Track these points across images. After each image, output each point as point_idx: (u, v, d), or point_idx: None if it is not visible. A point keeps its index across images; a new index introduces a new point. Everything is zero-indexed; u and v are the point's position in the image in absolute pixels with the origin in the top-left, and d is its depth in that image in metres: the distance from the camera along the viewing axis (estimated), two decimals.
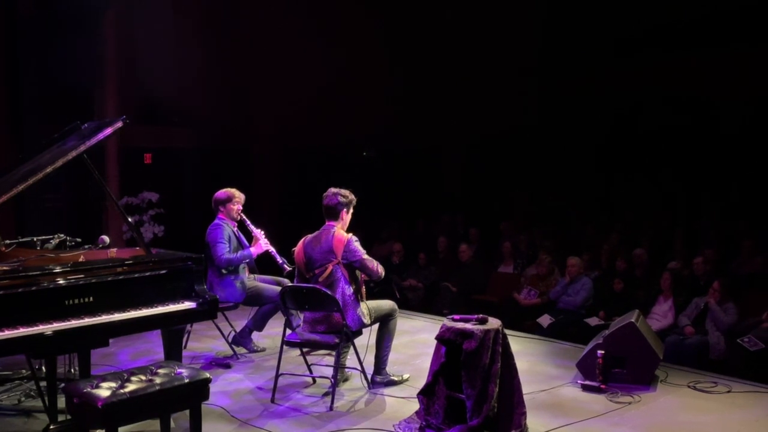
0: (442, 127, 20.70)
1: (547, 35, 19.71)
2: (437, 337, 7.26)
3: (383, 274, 8.42)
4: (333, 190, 8.48)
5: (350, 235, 8.29)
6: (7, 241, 8.26)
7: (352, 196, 8.55)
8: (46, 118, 14.00)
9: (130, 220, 7.78)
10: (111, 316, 6.62)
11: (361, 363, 8.57)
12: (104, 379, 5.86)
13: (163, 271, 7.19)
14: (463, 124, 20.43)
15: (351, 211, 8.56)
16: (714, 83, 18.08)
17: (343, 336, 8.05)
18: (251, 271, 9.93)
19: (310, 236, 8.41)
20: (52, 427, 6.60)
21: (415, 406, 7.59)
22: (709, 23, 17.82)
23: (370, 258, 8.31)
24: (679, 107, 18.73)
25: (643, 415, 7.89)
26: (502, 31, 19.03)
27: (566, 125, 20.09)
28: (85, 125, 7.75)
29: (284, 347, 8.41)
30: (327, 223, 8.42)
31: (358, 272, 8.33)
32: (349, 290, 8.18)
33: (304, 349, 9.11)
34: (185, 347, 9.44)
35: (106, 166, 15.42)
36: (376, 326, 8.63)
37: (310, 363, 9.12)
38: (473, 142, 21.40)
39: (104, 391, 5.62)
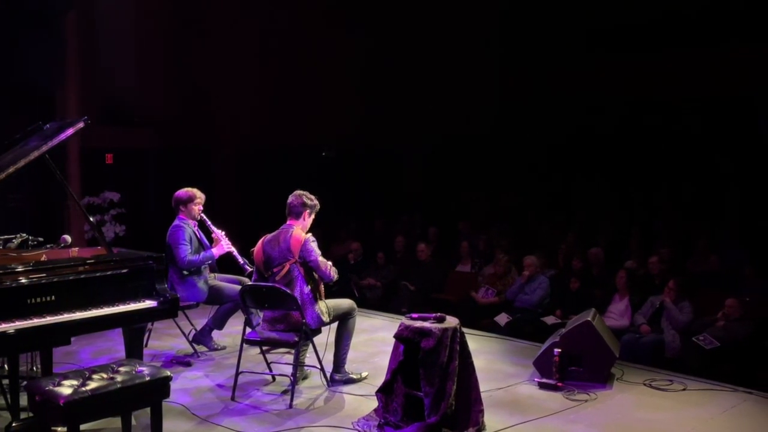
0: (401, 128, 20.66)
1: (504, 38, 19.81)
2: (396, 336, 7.33)
3: (336, 278, 8.51)
4: (299, 191, 8.57)
5: (308, 235, 8.37)
6: None
7: (316, 202, 8.63)
8: (7, 118, 13.96)
9: (91, 219, 7.81)
10: (73, 314, 6.63)
11: (320, 361, 8.63)
12: (66, 377, 5.90)
13: (125, 271, 7.21)
14: (422, 124, 20.42)
15: (313, 215, 8.64)
16: (670, 85, 18.22)
17: (303, 334, 8.10)
18: (211, 270, 9.98)
19: (269, 235, 8.47)
20: (14, 424, 6.63)
21: (374, 403, 7.67)
22: (663, 25, 17.96)
23: (325, 260, 8.39)
24: (636, 108, 18.86)
25: (599, 412, 7.99)
26: (461, 33, 19.11)
27: (523, 126, 20.15)
28: (47, 126, 7.77)
29: (244, 345, 8.46)
30: (287, 222, 8.49)
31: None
32: (307, 289, 8.24)
33: (264, 348, 9.13)
34: (146, 345, 9.43)
35: (67, 166, 15.39)
36: (335, 325, 8.69)
37: (269, 361, 9.14)
38: (431, 142, 21.41)
39: (66, 389, 5.67)
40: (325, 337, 8.76)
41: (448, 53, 19.43)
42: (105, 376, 5.96)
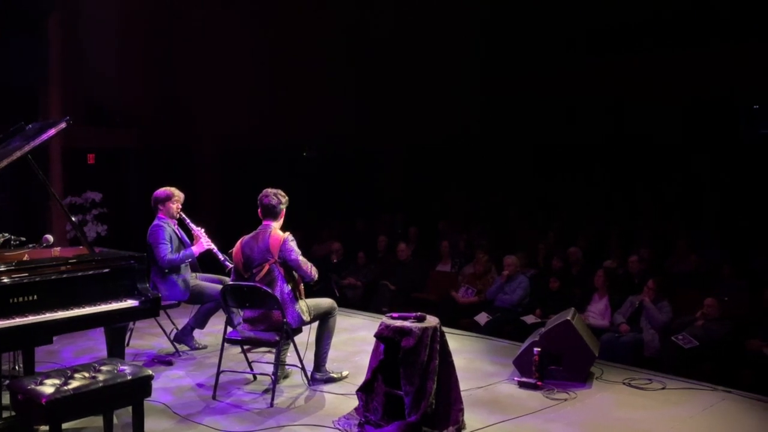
0: (382, 128, 20.70)
1: (488, 40, 19.85)
2: (376, 335, 7.34)
3: (316, 277, 8.50)
4: (271, 190, 8.52)
5: (287, 234, 8.35)
6: None
7: (286, 196, 8.66)
8: None
9: (73, 219, 7.83)
10: (55, 314, 6.64)
11: (301, 360, 8.64)
12: (48, 376, 5.92)
13: (106, 270, 7.23)
14: (403, 124, 20.45)
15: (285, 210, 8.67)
16: (650, 86, 18.30)
17: (284, 333, 8.11)
18: (193, 270, 9.99)
19: (247, 236, 8.45)
20: None
21: (354, 402, 7.69)
22: (644, 28, 18.09)
23: (305, 260, 8.38)
24: (617, 110, 18.93)
25: (578, 411, 8.01)
26: (443, 34, 19.15)
27: (504, 127, 20.20)
28: (30, 126, 7.78)
29: (225, 344, 8.46)
30: (264, 223, 8.46)
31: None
32: (287, 288, 8.23)
33: (245, 347, 9.15)
34: (128, 345, 9.36)
35: (49, 166, 15.38)
36: (315, 324, 8.70)
37: (250, 360, 9.13)
38: (413, 142, 21.44)
39: (48, 387, 5.69)
40: (306, 337, 8.77)
41: (430, 54, 19.47)
42: (87, 375, 5.98)
